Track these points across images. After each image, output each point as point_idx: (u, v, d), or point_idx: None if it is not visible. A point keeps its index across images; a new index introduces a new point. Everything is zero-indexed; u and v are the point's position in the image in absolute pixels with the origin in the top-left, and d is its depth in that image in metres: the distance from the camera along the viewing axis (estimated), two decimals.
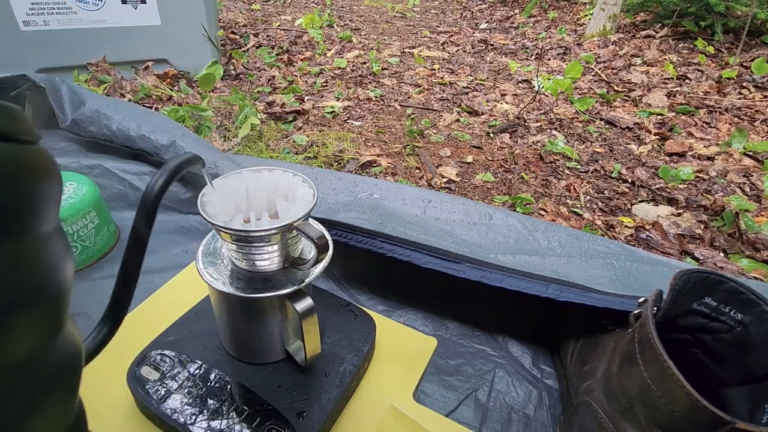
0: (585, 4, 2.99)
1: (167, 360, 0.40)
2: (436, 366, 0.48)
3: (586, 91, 1.73)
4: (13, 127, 0.11)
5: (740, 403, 0.33)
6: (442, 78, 1.85)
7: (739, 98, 1.59)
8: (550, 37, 2.48)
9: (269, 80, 1.67)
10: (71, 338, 0.13)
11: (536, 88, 1.65)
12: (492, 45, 2.39)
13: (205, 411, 0.36)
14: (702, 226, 0.96)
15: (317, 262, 0.33)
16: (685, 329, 0.38)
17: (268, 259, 0.34)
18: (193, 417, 0.36)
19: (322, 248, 0.31)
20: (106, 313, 0.21)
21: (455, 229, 0.54)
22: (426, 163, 1.19)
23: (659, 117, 1.49)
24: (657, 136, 1.37)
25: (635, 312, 0.38)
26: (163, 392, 0.37)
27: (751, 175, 1.14)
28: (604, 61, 2.02)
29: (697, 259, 0.86)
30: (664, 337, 0.33)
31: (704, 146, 1.29)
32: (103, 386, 0.40)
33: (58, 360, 0.12)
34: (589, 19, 2.48)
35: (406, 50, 2.23)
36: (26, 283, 0.11)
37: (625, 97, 1.65)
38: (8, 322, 0.10)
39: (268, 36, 2.21)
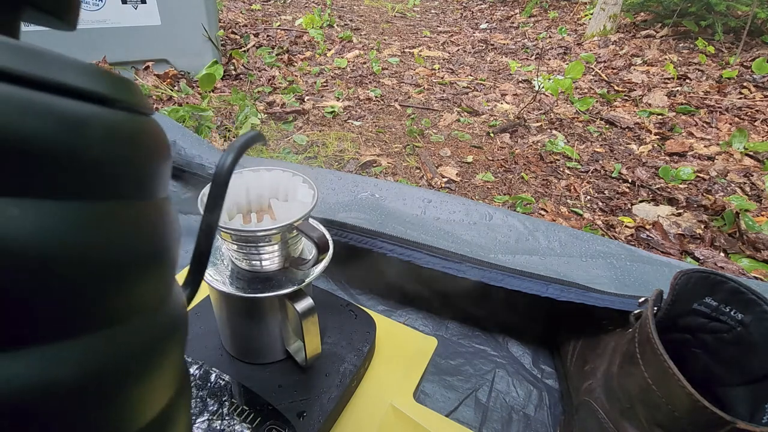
0: (585, 3, 2.99)
1: None
2: (437, 366, 0.48)
3: (586, 90, 1.73)
4: (137, 99, 0.12)
5: (741, 402, 0.33)
6: (442, 78, 1.85)
7: (740, 98, 1.59)
8: (550, 37, 2.48)
9: (269, 80, 1.67)
10: (179, 294, 0.14)
11: (536, 88, 1.65)
12: (492, 45, 2.39)
13: (205, 411, 0.36)
14: (702, 226, 0.96)
15: (317, 262, 0.33)
16: (685, 329, 0.38)
17: (269, 259, 0.34)
18: (194, 417, 0.36)
19: (322, 248, 0.31)
20: (188, 279, 0.23)
21: (455, 228, 0.54)
22: (426, 163, 1.19)
23: (659, 117, 1.49)
24: (657, 136, 1.37)
25: (635, 312, 0.38)
26: None
27: (752, 175, 1.14)
28: (605, 61, 2.02)
29: (697, 259, 0.86)
30: (664, 337, 0.33)
31: (705, 146, 1.29)
32: None
33: (172, 314, 0.13)
34: (590, 18, 2.48)
35: (407, 50, 2.23)
36: (153, 239, 0.12)
37: (626, 97, 1.65)
38: (141, 274, 0.11)
39: (268, 36, 2.21)
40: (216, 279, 0.34)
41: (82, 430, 0.10)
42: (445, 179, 1.12)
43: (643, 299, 0.39)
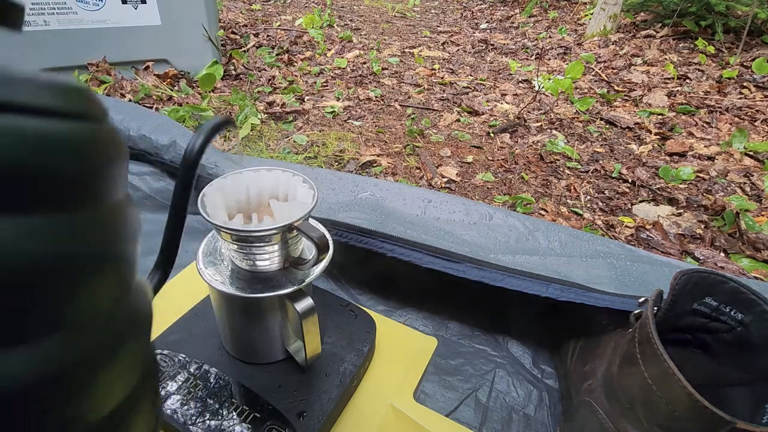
0: (585, 3, 2.99)
1: (167, 360, 0.40)
2: (437, 366, 0.48)
3: (586, 90, 1.73)
4: (90, 107, 0.12)
5: (741, 403, 0.33)
6: (442, 78, 1.85)
7: (740, 98, 1.59)
8: (550, 37, 2.48)
9: (269, 80, 1.67)
10: (142, 290, 0.15)
11: (536, 88, 1.65)
12: (492, 45, 2.39)
13: (205, 411, 0.36)
14: (702, 226, 0.96)
15: (317, 262, 0.33)
16: (685, 329, 0.38)
17: (269, 259, 0.34)
18: (194, 417, 0.36)
19: (322, 248, 0.31)
20: (158, 262, 0.23)
21: (455, 228, 0.54)
22: (426, 163, 1.19)
23: (660, 117, 1.49)
24: (657, 136, 1.37)
25: (636, 312, 0.38)
26: (163, 393, 0.37)
27: (752, 175, 1.14)
28: (605, 61, 2.02)
29: (697, 259, 0.86)
30: (664, 337, 0.33)
31: (705, 146, 1.29)
32: None
33: (132, 310, 0.14)
34: (590, 18, 2.48)
35: (407, 50, 2.23)
36: (105, 244, 0.12)
37: (626, 97, 1.65)
38: (94, 278, 0.12)
39: (268, 36, 2.21)
40: (216, 279, 0.34)
41: (42, 426, 0.10)
42: (445, 179, 1.12)
43: (643, 299, 0.39)
